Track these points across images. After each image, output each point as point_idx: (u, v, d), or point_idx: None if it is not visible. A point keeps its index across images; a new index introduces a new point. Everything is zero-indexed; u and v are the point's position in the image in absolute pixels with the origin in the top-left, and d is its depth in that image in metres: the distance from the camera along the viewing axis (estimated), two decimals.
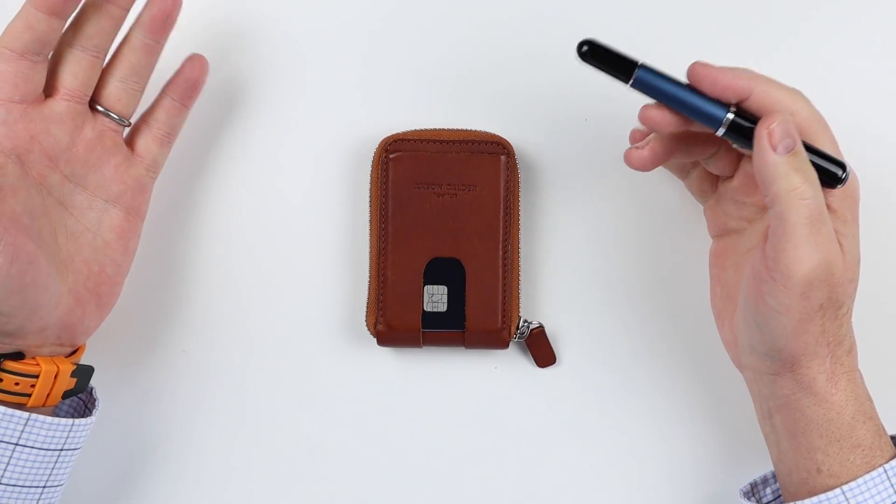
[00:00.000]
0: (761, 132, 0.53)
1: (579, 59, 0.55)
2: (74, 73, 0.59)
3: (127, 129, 0.62)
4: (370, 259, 0.64)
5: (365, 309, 0.65)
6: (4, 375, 0.55)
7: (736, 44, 0.67)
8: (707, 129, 0.55)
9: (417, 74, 0.67)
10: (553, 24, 0.67)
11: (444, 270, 0.64)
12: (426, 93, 0.67)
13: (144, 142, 0.62)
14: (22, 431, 0.55)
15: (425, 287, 0.64)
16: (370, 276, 0.65)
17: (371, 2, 0.67)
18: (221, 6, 0.67)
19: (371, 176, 0.64)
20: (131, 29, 0.60)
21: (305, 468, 0.67)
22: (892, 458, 0.56)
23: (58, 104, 0.58)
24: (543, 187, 0.66)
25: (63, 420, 0.57)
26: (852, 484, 0.55)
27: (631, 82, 0.55)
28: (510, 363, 0.67)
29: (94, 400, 0.60)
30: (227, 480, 0.67)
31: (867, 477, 0.55)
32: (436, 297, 0.64)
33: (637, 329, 0.67)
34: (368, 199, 0.65)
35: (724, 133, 0.55)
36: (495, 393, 0.67)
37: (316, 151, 0.66)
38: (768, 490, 0.62)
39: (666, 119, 0.55)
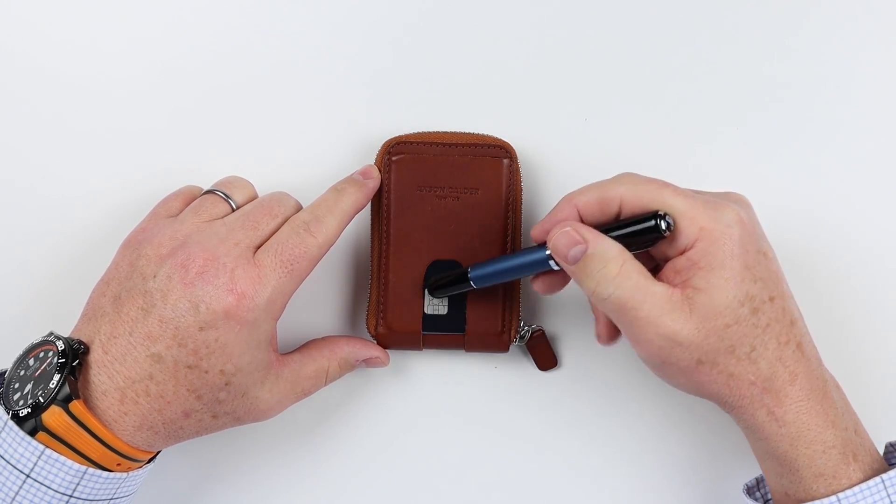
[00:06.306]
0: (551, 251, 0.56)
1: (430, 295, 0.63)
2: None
3: None
4: (371, 261, 0.64)
5: (366, 311, 0.65)
6: (122, 460, 0.56)
7: (735, 44, 0.67)
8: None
9: (420, 77, 0.66)
10: (554, 26, 0.67)
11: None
12: (429, 95, 0.66)
13: None
14: (77, 484, 0.55)
15: (426, 290, 0.64)
16: (371, 278, 0.64)
17: (372, 4, 0.66)
18: (224, 8, 0.67)
19: None
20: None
21: (304, 469, 0.67)
22: (861, 481, 0.55)
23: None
24: (546, 191, 0.66)
25: (117, 474, 0.56)
26: (848, 492, 0.54)
27: (472, 285, 0.61)
28: (511, 366, 0.67)
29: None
30: (226, 481, 0.67)
31: (864, 486, 0.54)
32: (436, 300, 0.64)
33: None
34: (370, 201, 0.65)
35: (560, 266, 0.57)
36: (496, 395, 0.67)
37: (319, 153, 0.65)
38: None
39: (538, 285, 0.61)
